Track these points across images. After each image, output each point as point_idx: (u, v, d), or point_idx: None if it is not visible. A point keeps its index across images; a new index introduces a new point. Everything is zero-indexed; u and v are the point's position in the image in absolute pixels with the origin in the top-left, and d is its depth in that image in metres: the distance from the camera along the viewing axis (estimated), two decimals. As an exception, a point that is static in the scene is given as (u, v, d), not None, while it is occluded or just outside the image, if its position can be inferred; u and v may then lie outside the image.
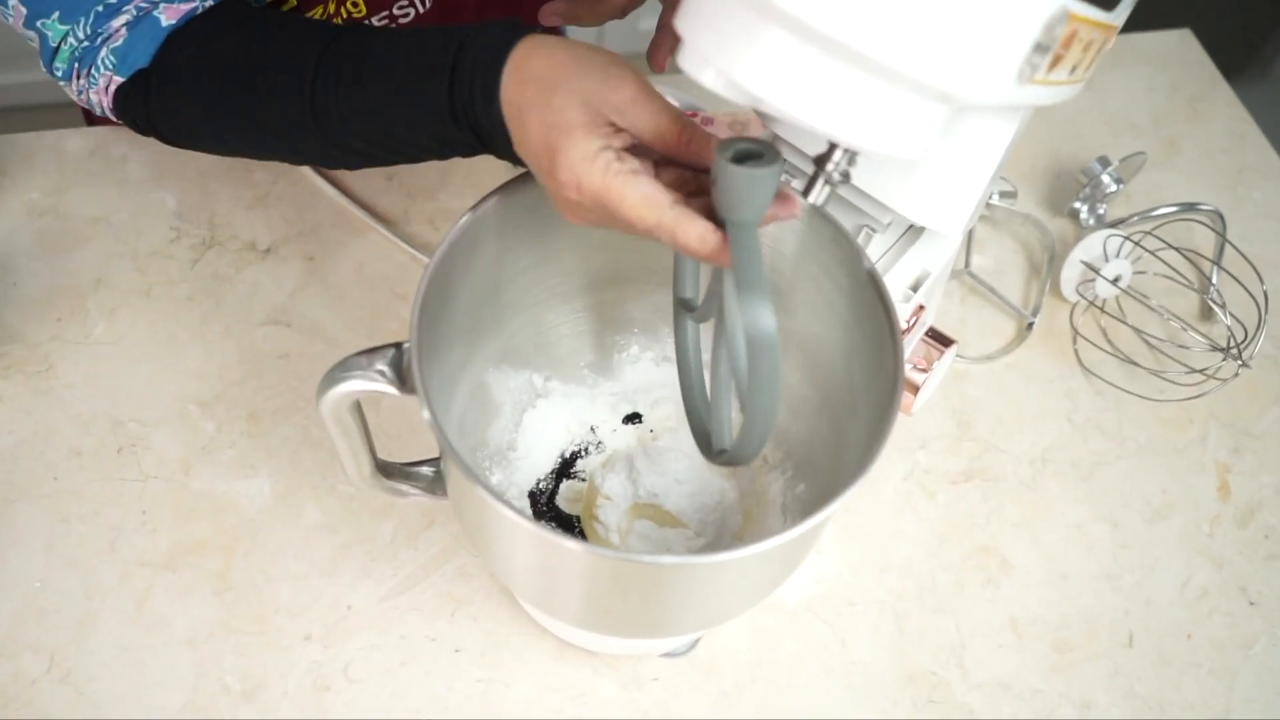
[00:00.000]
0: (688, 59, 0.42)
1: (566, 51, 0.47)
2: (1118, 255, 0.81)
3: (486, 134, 0.50)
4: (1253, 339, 0.77)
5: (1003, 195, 0.88)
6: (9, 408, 0.74)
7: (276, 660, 0.66)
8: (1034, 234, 0.89)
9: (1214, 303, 0.82)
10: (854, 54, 0.37)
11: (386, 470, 0.60)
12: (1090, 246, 0.81)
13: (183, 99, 0.60)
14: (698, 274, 0.56)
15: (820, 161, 0.46)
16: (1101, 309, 0.83)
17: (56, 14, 0.59)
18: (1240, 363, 0.76)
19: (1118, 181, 0.87)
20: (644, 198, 0.45)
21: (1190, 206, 0.86)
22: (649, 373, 0.68)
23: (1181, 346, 0.82)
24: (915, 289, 0.61)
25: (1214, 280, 0.85)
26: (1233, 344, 0.77)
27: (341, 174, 0.86)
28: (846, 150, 0.45)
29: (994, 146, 0.55)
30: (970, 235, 0.88)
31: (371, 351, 0.51)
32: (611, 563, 0.45)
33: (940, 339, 0.67)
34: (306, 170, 0.85)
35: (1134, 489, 0.77)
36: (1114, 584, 0.73)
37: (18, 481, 0.71)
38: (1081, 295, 0.83)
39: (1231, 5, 1.34)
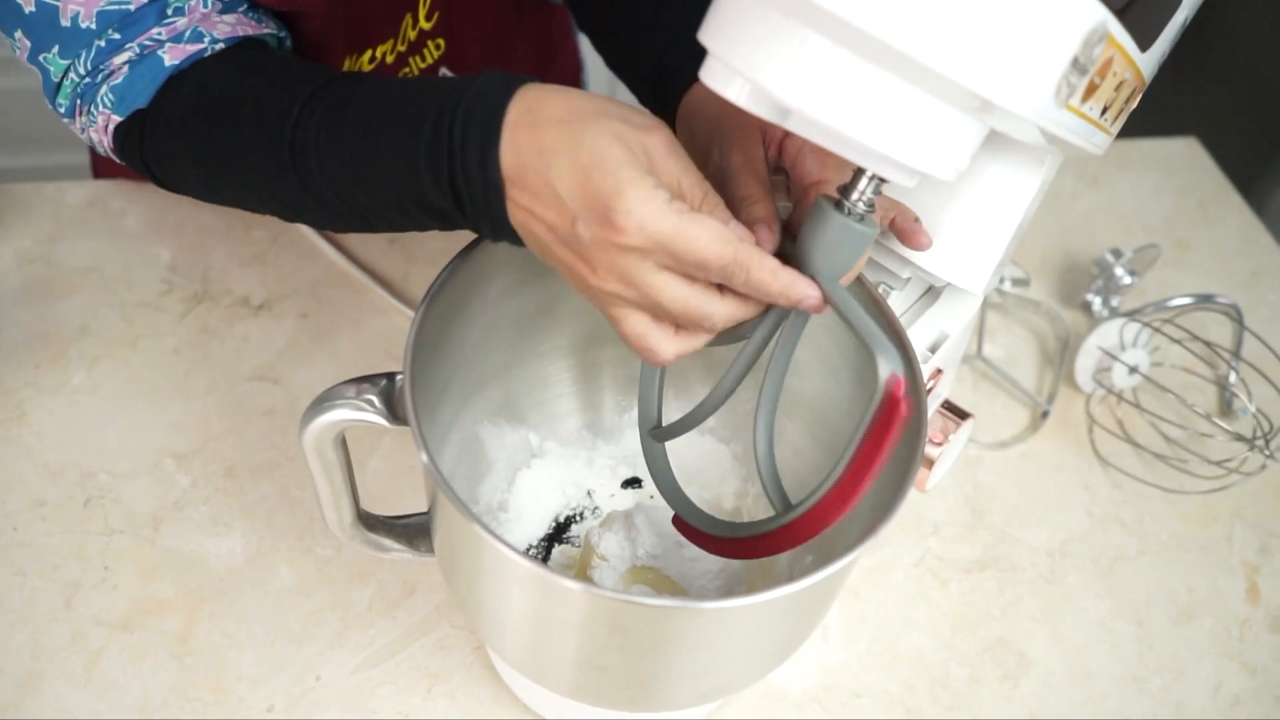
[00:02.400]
0: (713, 73, 0.41)
1: (583, 95, 0.43)
2: (1135, 344, 0.79)
3: (472, 198, 0.44)
4: (1279, 431, 0.75)
5: (1015, 282, 0.87)
6: (-26, 453, 0.70)
7: (234, 733, 0.60)
8: (1046, 322, 0.87)
9: (1236, 394, 0.80)
10: (892, 53, 0.35)
11: (369, 521, 0.56)
12: (1107, 334, 0.79)
13: (173, 140, 0.56)
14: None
15: (845, 190, 0.44)
16: (1119, 398, 0.80)
17: (56, 48, 0.56)
18: (1267, 454, 0.73)
19: (1131, 274, 0.85)
20: (716, 233, 0.41)
21: (1207, 298, 0.85)
22: (650, 436, 0.65)
23: (1204, 435, 0.79)
24: (933, 350, 0.58)
25: (1233, 373, 0.83)
26: (1258, 434, 0.74)
27: (342, 235, 0.84)
28: (872, 178, 0.43)
29: (1018, 200, 0.53)
30: (982, 320, 0.86)
31: (361, 380, 0.48)
32: (610, 605, 0.41)
33: (956, 412, 0.64)
34: (306, 229, 0.84)
35: (1158, 587, 0.73)
36: (1141, 686, 0.68)
37: (-26, 530, 0.66)
38: (1099, 383, 0.80)
39: (1236, 116, 1.37)
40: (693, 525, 0.52)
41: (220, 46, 0.57)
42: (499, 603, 0.47)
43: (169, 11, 0.56)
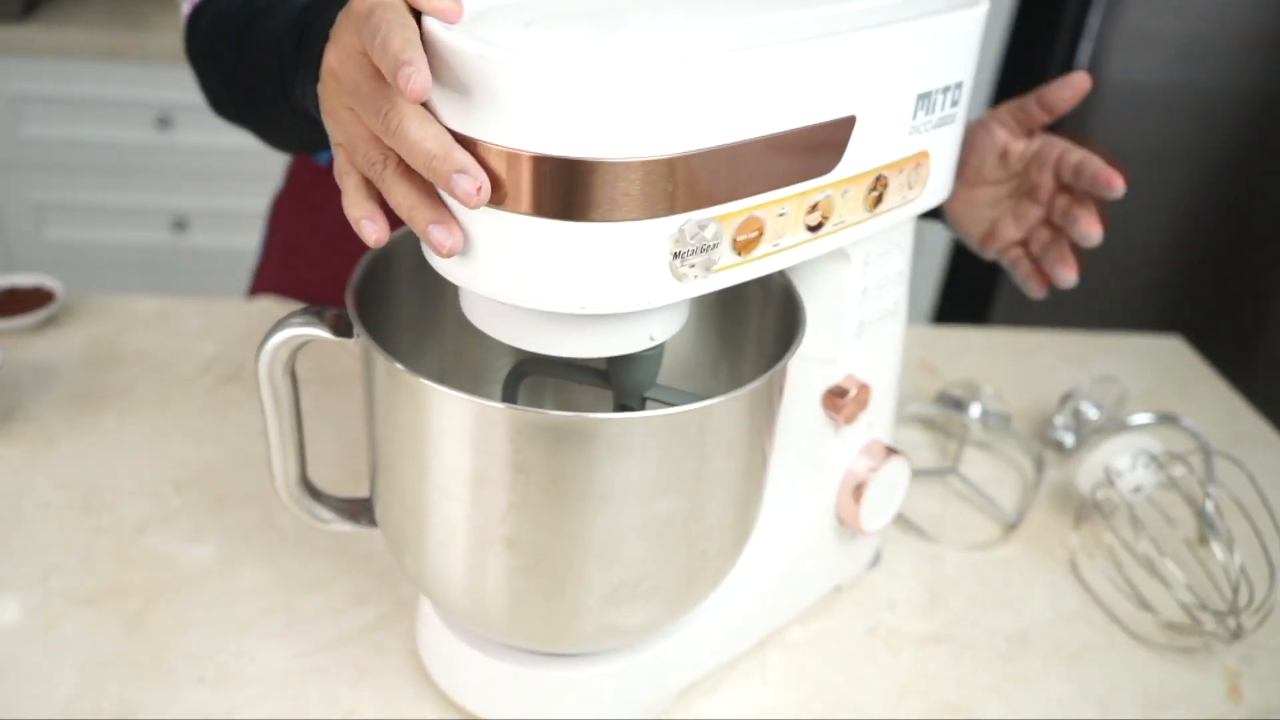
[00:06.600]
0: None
1: None
2: (1146, 466, 0.79)
3: None
4: (1260, 606, 0.72)
5: (998, 417, 0.90)
6: (3, 467, 0.77)
7: (160, 695, 0.61)
8: (1024, 455, 0.89)
9: (1219, 544, 0.77)
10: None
11: (313, 490, 0.61)
12: (1119, 450, 0.79)
13: (204, 50, 0.68)
14: None
15: None
16: (1106, 520, 0.79)
17: None
18: (1234, 630, 0.70)
19: (1097, 407, 0.88)
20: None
21: (1171, 419, 0.86)
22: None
23: (1178, 599, 0.76)
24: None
25: (1210, 502, 0.81)
26: (1232, 608, 0.71)
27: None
28: None
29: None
30: (960, 447, 0.88)
31: (308, 310, 0.56)
32: (527, 422, 0.46)
33: (888, 450, 0.67)
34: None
35: (1128, 678, 0.70)
36: (1104, 762, 0.63)
37: (-19, 520, 0.73)
38: (1095, 500, 0.80)
39: (1220, 315, 1.38)
40: None
41: None
42: (422, 476, 0.51)
43: None
